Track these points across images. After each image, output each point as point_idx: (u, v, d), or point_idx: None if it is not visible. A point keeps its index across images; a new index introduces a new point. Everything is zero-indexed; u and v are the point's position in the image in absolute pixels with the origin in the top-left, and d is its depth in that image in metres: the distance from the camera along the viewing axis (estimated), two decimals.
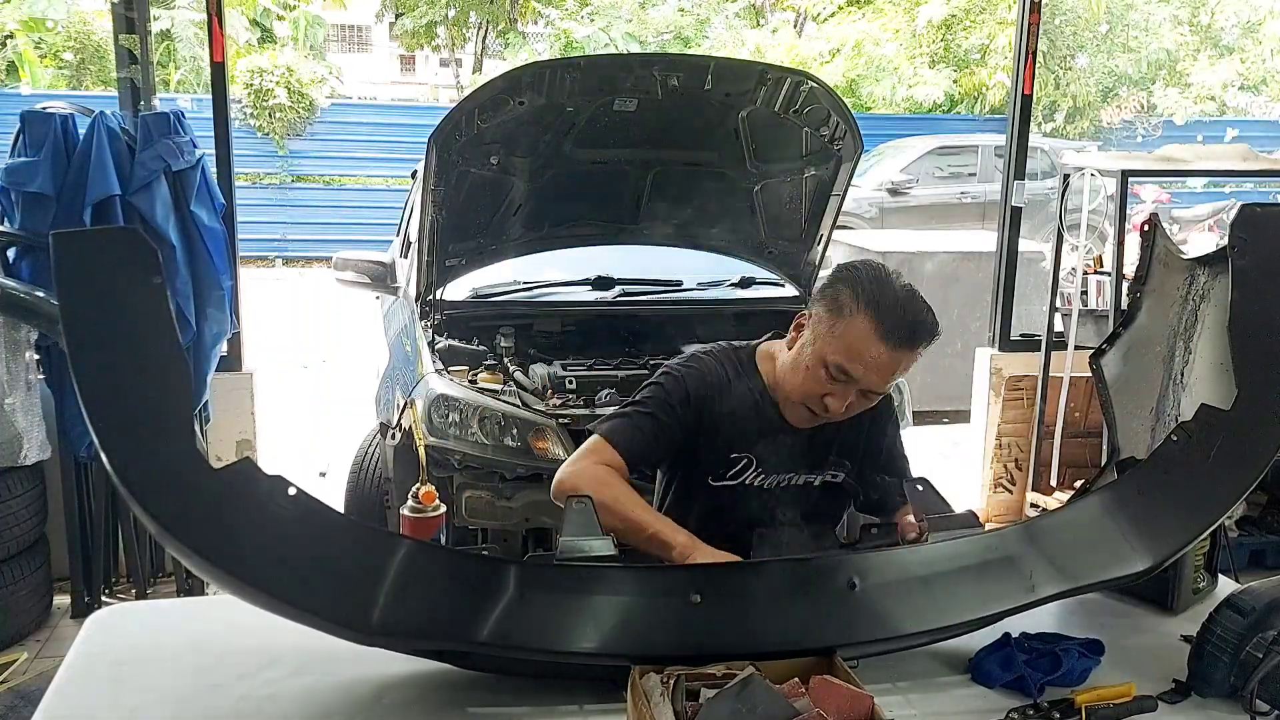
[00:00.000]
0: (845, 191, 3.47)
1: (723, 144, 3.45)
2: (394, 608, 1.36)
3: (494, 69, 17.74)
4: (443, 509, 2.17)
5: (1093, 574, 1.55)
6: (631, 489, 1.79)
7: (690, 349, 2.09)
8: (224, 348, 3.75)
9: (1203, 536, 1.62)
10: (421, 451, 2.39)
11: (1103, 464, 4.22)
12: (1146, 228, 1.98)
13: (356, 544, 1.45)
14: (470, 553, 1.60)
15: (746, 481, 1.91)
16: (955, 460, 5.03)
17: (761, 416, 1.90)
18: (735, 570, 1.58)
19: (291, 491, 1.36)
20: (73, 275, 1.32)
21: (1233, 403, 1.59)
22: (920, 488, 1.74)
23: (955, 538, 1.58)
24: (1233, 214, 1.74)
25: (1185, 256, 1.93)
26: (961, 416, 5.25)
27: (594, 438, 1.87)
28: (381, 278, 4.19)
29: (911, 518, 1.76)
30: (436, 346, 3.35)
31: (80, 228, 3.07)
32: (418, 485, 2.16)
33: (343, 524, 1.50)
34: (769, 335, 2.03)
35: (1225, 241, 1.70)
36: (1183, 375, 2.04)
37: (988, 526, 1.71)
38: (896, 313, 1.74)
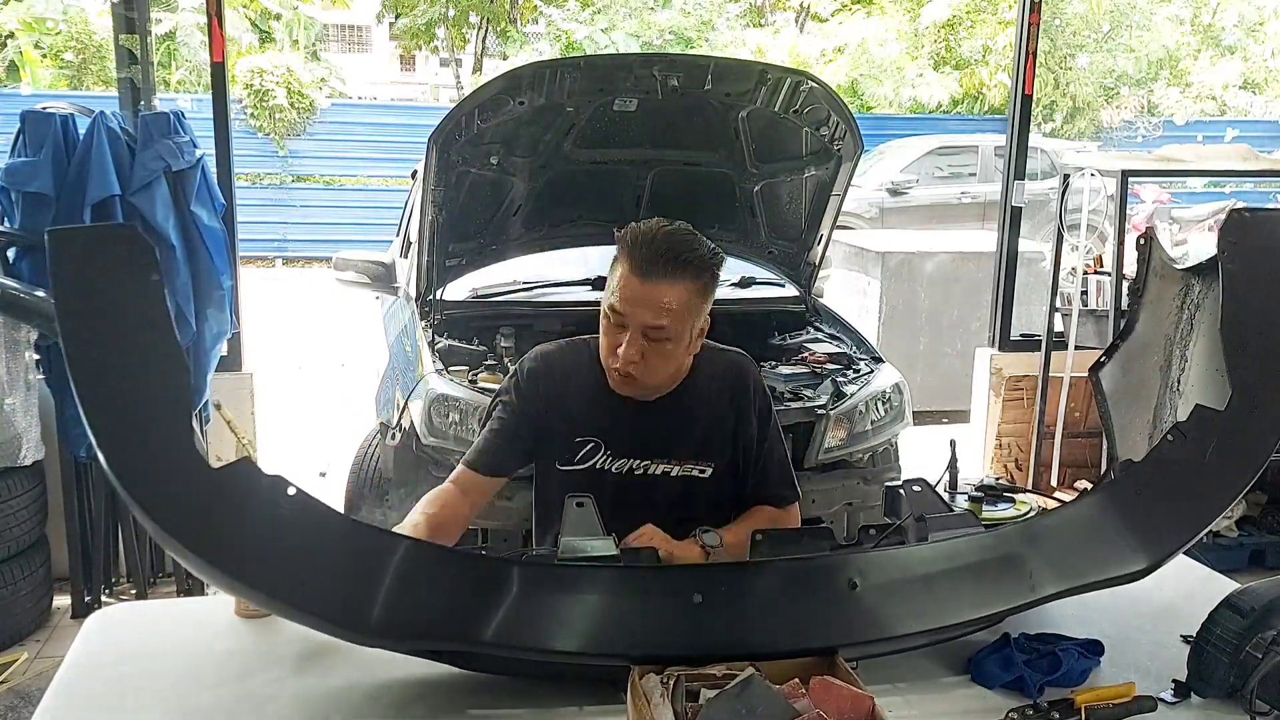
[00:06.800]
0: (845, 191, 3.46)
1: (723, 144, 3.45)
2: (393, 608, 1.36)
3: (494, 69, 17.73)
4: None
5: (1091, 573, 1.55)
6: (425, 523, 1.81)
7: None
8: (224, 348, 3.75)
9: (1200, 535, 1.63)
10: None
11: (1102, 471, 4.21)
12: (1142, 240, 1.99)
13: (356, 544, 1.45)
14: (469, 553, 1.60)
15: (598, 465, 1.92)
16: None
17: (597, 392, 1.92)
18: (735, 570, 1.58)
19: (291, 491, 1.36)
20: (69, 273, 1.31)
21: (1227, 403, 1.60)
22: (918, 489, 1.73)
23: (955, 537, 1.59)
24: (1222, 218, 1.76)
25: (1180, 267, 1.94)
26: (961, 416, 5.25)
27: (458, 465, 1.97)
28: (381, 278, 4.19)
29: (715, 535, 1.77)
30: (436, 346, 3.35)
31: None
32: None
33: (342, 524, 1.49)
34: None
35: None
36: (1179, 382, 2.04)
37: None
38: (647, 246, 1.79)
